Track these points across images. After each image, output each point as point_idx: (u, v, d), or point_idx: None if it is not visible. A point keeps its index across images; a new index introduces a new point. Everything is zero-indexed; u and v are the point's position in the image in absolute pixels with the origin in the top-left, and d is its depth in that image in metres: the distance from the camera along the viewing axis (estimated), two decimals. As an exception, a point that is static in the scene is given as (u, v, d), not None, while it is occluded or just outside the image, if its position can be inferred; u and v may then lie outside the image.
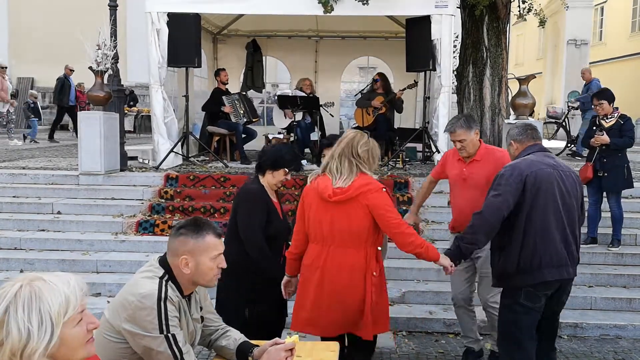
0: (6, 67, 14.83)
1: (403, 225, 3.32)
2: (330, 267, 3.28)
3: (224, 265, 2.52)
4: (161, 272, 2.44)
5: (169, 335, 2.33)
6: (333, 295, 3.28)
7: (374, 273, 3.32)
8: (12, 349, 1.52)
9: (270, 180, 3.72)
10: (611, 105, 6.36)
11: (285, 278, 3.61)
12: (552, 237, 3.39)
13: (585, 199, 6.69)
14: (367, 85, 10.16)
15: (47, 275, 1.65)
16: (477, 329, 4.52)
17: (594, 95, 6.47)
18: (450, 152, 4.49)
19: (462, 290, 4.34)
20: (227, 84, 9.85)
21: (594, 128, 6.44)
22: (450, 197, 4.48)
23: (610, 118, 6.34)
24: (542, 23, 9.14)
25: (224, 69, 9.88)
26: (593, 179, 6.33)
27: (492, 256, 3.62)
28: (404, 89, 9.33)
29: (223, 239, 2.56)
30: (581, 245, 6.46)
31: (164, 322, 2.32)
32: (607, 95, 6.39)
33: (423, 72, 9.22)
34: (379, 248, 3.42)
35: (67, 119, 21.24)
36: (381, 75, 9.79)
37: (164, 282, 2.40)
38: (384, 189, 3.31)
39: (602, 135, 6.27)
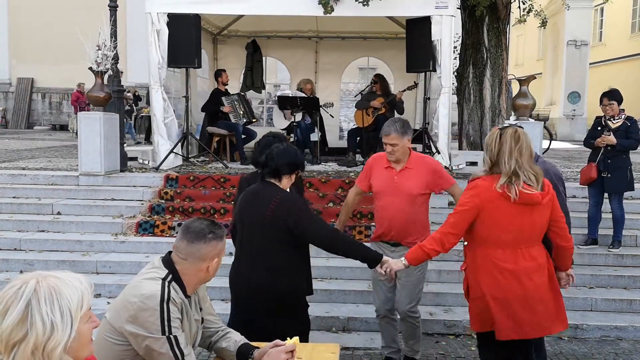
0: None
1: (565, 221, 3.39)
2: (525, 267, 3.23)
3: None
4: (164, 273, 2.44)
5: (171, 336, 2.33)
6: (531, 293, 3.25)
7: (549, 267, 3.36)
8: (36, 342, 1.54)
9: (287, 184, 3.47)
10: (619, 106, 6.34)
11: (402, 266, 3.45)
12: None
13: (586, 200, 6.74)
14: (367, 87, 10.16)
15: (57, 273, 1.67)
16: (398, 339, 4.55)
17: (604, 95, 6.40)
18: (374, 160, 4.36)
19: (387, 301, 4.34)
20: (228, 84, 9.86)
21: (599, 128, 6.40)
22: (377, 206, 4.28)
23: (617, 119, 6.31)
24: (543, 24, 9.14)
25: (224, 70, 9.88)
26: (596, 180, 6.32)
27: None
28: (404, 90, 9.32)
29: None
30: (581, 246, 6.53)
31: (166, 323, 2.32)
32: (617, 95, 6.37)
33: (423, 73, 9.21)
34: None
35: (65, 118, 21.28)
36: (379, 77, 9.79)
37: (166, 284, 2.40)
38: None
39: (610, 135, 6.25)
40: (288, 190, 3.48)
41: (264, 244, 3.35)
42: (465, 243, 3.42)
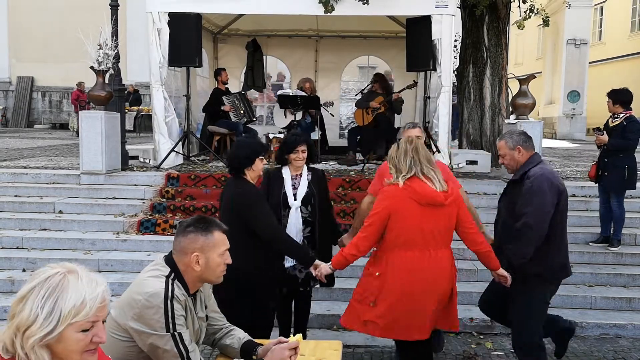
0: None
1: (475, 224, 3.55)
2: (432, 269, 3.39)
3: (230, 261, 2.57)
4: (167, 270, 2.47)
5: (176, 333, 2.35)
6: (436, 294, 3.42)
7: (451, 272, 3.54)
8: (18, 325, 1.62)
9: (253, 174, 3.78)
10: (618, 106, 6.33)
11: (329, 270, 3.70)
12: (566, 236, 3.76)
13: (585, 199, 6.78)
14: (367, 85, 10.18)
15: (84, 272, 1.71)
16: None
17: (614, 92, 6.46)
18: (386, 165, 4.46)
19: None
20: (227, 83, 9.87)
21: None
22: None
23: (616, 118, 6.32)
24: (545, 23, 9.14)
25: (224, 69, 9.90)
26: (596, 178, 6.41)
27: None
28: (403, 90, 9.34)
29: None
30: (592, 244, 6.64)
31: (170, 320, 2.35)
32: (612, 94, 6.40)
33: (423, 72, 9.23)
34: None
35: (65, 117, 21.29)
36: (379, 76, 9.80)
37: (170, 281, 2.43)
38: None
39: (602, 135, 6.29)
40: (261, 173, 3.85)
41: (230, 230, 3.54)
42: (374, 249, 3.58)
